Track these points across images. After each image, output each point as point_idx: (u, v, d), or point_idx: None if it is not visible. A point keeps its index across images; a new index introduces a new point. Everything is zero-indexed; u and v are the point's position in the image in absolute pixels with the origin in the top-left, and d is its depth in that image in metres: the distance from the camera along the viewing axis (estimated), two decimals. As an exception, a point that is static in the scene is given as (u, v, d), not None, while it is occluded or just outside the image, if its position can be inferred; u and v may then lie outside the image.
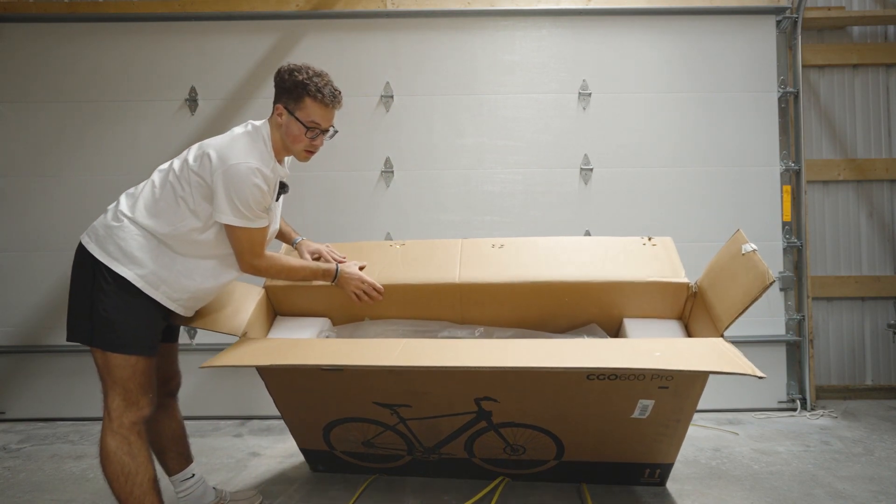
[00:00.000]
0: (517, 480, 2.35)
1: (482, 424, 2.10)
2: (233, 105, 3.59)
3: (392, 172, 3.59)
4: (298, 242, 2.25)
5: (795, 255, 3.59)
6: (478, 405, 2.02)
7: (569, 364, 1.66)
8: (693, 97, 3.59)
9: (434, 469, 2.38)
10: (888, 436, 3.01)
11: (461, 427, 2.13)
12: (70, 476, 2.60)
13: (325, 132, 1.87)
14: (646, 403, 1.90)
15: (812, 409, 3.45)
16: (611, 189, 3.57)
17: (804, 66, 3.67)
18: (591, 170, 3.57)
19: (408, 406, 2.06)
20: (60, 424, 3.40)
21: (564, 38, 3.62)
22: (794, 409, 3.45)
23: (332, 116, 1.86)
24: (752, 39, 3.60)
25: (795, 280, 3.57)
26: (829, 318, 3.79)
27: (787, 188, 3.59)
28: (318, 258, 2.20)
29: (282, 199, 1.99)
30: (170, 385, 2.02)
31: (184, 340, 3.46)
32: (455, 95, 3.61)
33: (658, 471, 2.26)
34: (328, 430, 2.25)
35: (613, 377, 1.81)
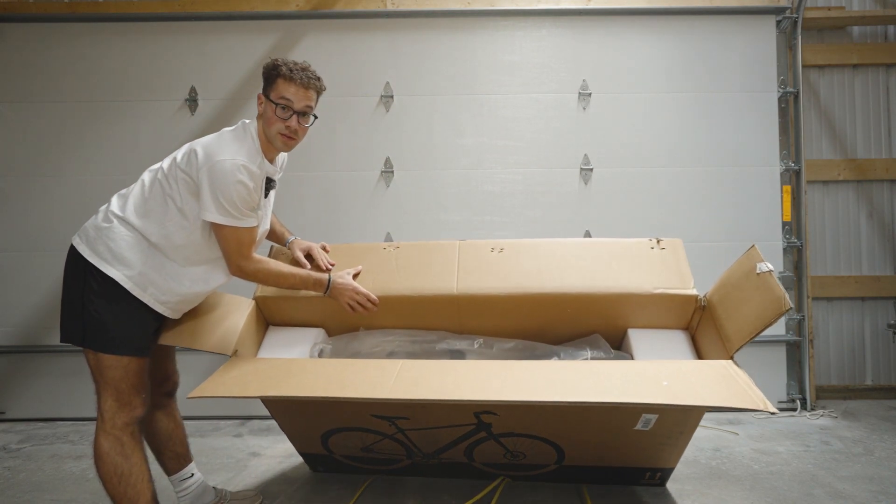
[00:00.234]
0: (517, 480, 2.35)
1: (482, 434, 2.08)
2: (233, 105, 3.59)
3: (392, 172, 3.59)
4: (291, 242, 2.18)
5: (795, 255, 3.59)
6: (477, 418, 1.99)
7: (571, 399, 1.59)
8: (693, 97, 3.59)
9: (434, 471, 2.37)
10: (888, 436, 3.01)
11: (461, 437, 2.11)
12: (70, 476, 2.60)
13: (300, 114, 1.80)
14: (649, 417, 1.88)
15: (812, 409, 3.45)
16: (611, 189, 3.57)
17: (804, 66, 3.67)
18: (591, 170, 3.57)
19: (406, 418, 2.03)
20: (60, 424, 3.40)
21: (564, 38, 3.62)
22: (795, 409, 3.45)
23: (308, 98, 1.80)
24: (752, 39, 3.60)
25: (795, 280, 3.57)
26: (829, 318, 3.79)
27: (787, 188, 3.59)
28: (308, 255, 2.13)
29: (272, 197, 1.95)
30: (167, 385, 2.01)
31: (184, 340, 3.46)
32: (455, 95, 3.61)
33: (659, 474, 2.26)
34: (326, 438, 2.23)
35: None
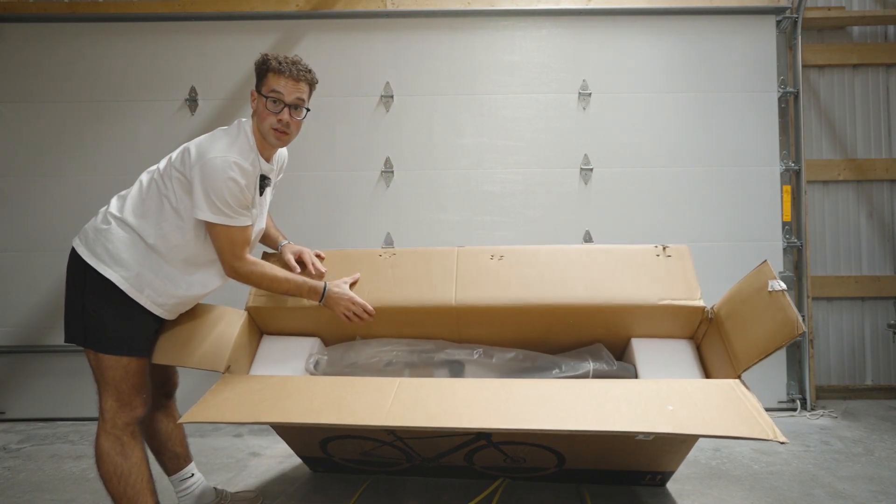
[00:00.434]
0: (517, 481, 2.35)
1: (482, 442, 2.07)
2: (233, 105, 3.59)
3: (392, 172, 3.59)
4: (283, 246, 2.12)
5: (795, 255, 3.59)
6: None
7: (572, 427, 1.54)
8: (693, 97, 3.59)
9: (434, 472, 2.37)
10: (888, 436, 3.01)
11: (460, 444, 2.10)
12: (70, 476, 2.60)
13: (292, 108, 1.78)
14: None
15: (812, 409, 3.45)
16: (611, 189, 3.57)
17: (804, 66, 3.67)
18: (591, 170, 3.57)
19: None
20: (60, 424, 3.40)
21: (564, 38, 3.62)
22: (794, 409, 3.45)
23: (299, 91, 1.78)
24: (753, 39, 3.60)
25: (795, 280, 3.57)
26: (829, 318, 3.79)
27: (787, 188, 3.59)
28: (300, 259, 2.07)
29: (268, 196, 1.93)
30: (167, 386, 2.01)
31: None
32: (455, 95, 3.61)
33: (659, 476, 2.26)
34: (325, 444, 2.22)
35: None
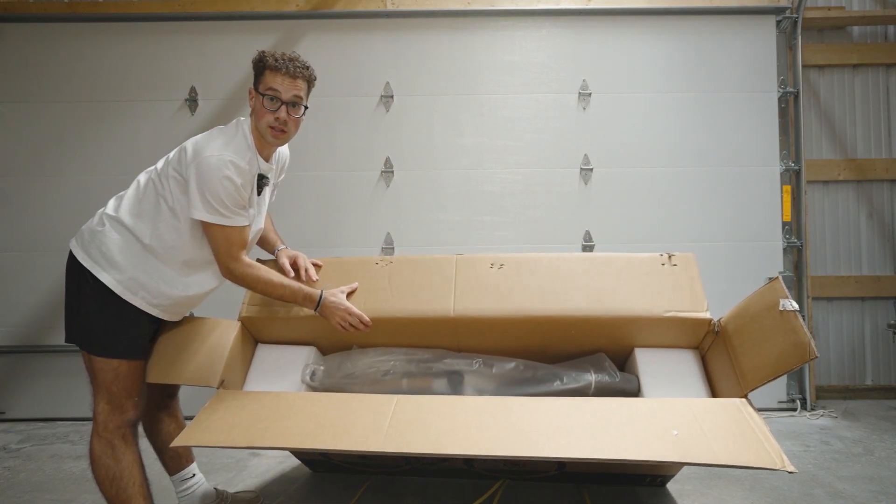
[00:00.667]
0: (517, 481, 2.35)
1: None
2: (233, 105, 3.59)
3: (392, 172, 3.59)
4: (279, 250, 2.07)
5: (795, 255, 3.59)
6: None
7: (573, 455, 1.51)
8: (693, 97, 3.59)
9: (433, 473, 2.37)
10: (888, 436, 3.01)
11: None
12: (70, 476, 2.60)
13: (290, 105, 1.75)
14: None
15: (812, 409, 3.45)
16: (611, 189, 3.57)
17: (804, 66, 3.68)
18: (591, 170, 3.57)
19: None
20: (60, 424, 3.40)
21: (564, 38, 3.62)
22: (794, 409, 3.45)
23: (296, 88, 1.75)
24: (753, 39, 3.60)
25: (795, 280, 3.57)
26: (829, 318, 3.79)
27: (787, 188, 3.59)
28: (294, 263, 2.01)
29: (266, 196, 1.90)
30: (169, 387, 2.01)
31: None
32: (455, 95, 3.61)
33: (660, 478, 2.26)
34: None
35: None
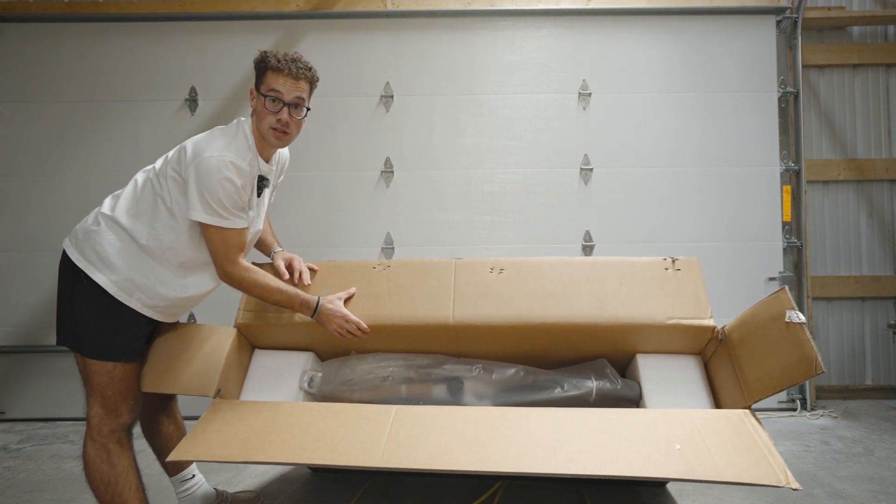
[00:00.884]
0: (516, 481, 2.35)
1: None
2: (233, 105, 3.59)
3: (392, 172, 3.59)
4: (275, 252, 2.03)
5: (795, 255, 3.59)
6: None
7: (574, 471, 1.49)
8: (693, 97, 3.59)
9: (434, 474, 2.37)
10: (888, 436, 3.01)
11: None
12: (70, 476, 2.59)
13: (292, 107, 1.73)
14: None
15: (812, 410, 3.45)
16: (611, 189, 3.57)
17: (804, 66, 3.68)
18: (591, 170, 3.57)
19: None
20: (60, 424, 3.40)
21: (564, 38, 3.62)
22: (794, 409, 3.45)
23: (298, 89, 1.72)
24: (753, 39, 3.60)
25: (795, 280, 3.57)
26: (829, 318, 3.79)
27: (787, 188, 3.59)
28: (290, 266, 1.97)
29: (266, 198, 1.89)
30: None
31: (184, 340, 3.46)
32: (455, 95, 3.61)
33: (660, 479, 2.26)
34: None
35: None
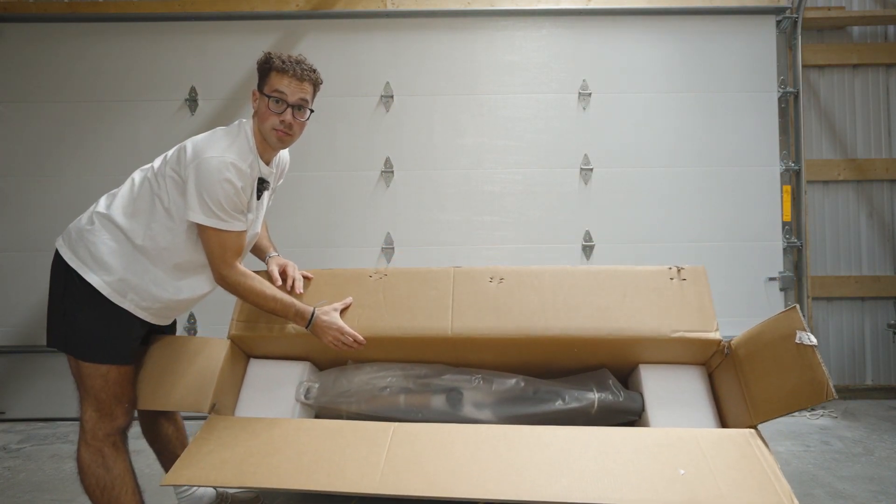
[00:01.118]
0: None
1: None
2: (233, 105, 3.59)
3: (392, 172, 3.59)
4: (270, 258, 1.99)
5: (795, 255, 3.59)
6: None
7: (577, 500, 1.45)
8: (693, 97, 3.59)
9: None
10: (888, 436, 3.01)
11: None
12: (70, 476, 2.59)
13: (296, 108, 1.70)
14: None
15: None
16: (611, 189, 3.57)
17: (804, 66, 3.67)
18: (591, 170, 3.57)
19: None
20: (60, 424, 3.39)
21: (564, 38, 3.62)
22: (794, 409, 3.45)
23: (302, 91, 1.70)
24: (753, 39, 3.60)
25: (795, 280, 3.57)
26: (829, 318, 3.79)
27: (787, 188, 3.59)
28: (283, 272, 1.93)
29: (265, 200, 1.86)
30: None
31: (184, 340, 3.46)
32: (455, 95, 3.61)
33: None
34: None
35: None
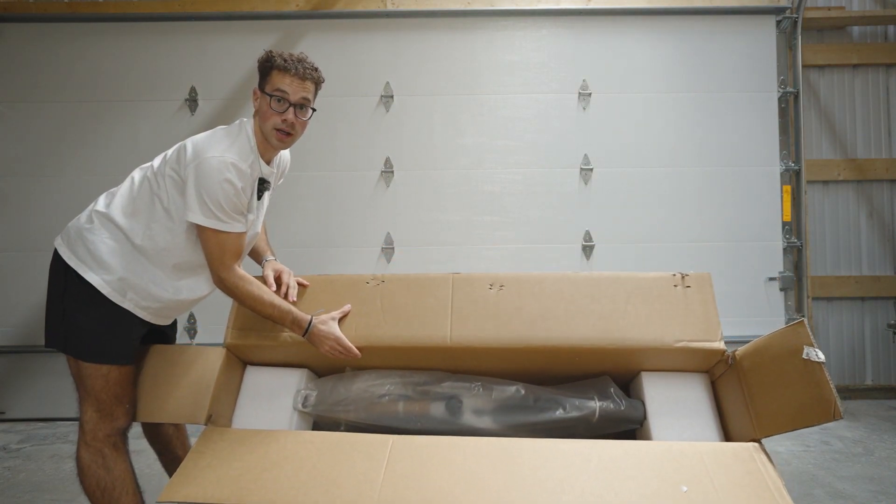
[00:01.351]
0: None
1: None
2: (233, 105, 3.59)
3: (392, 172, 3.59)
4: (266, 262, 1.95)
5: (795, 255, 3.59)
6: None
7: None
8: (693, 97, 3.59)
9: None
10: (888, 436, 3.01)
11: None
12: (70, 476, 2.59)
13: (297, 107, 1.68)
14: None
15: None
16: (611, 189, 3.57)
17: (804, 66, 3.68)
18: (591, 170, 3.57)
19: None
20: (60, 424, 3.40)
21: (564, 38, 3.62)
22: (794, 409, 3.45)
23: (304, 90, 1.68)
24: (753, 39, 3.60)
25: (795, 280, 3.57)
26: (829, 318, 3.79)
27: (787, 188, 3.59)
28: (278, 278, 1.88)
29: (266, 201, 1.85)
30: None
31: (184, 340, 3.46)
32: (455, 95, 3.61)
33: None
34: None
35: None
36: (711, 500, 1.43)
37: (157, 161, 1.71)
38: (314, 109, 1.76)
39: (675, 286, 1.89)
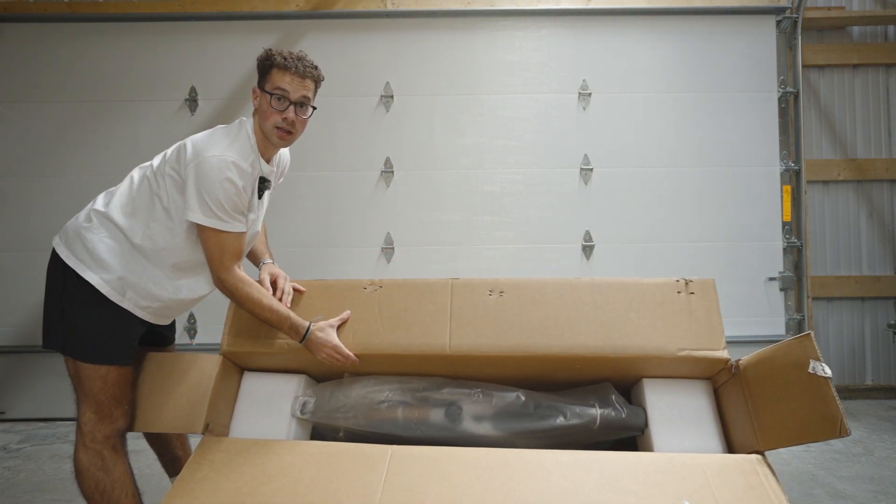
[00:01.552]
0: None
1: None
2: (233, 105, 3.59)
3: (392, 172, 3.59)
4: (264, 264, 1.93)
5: (795, 255, 3.59)
6: None
7: None
8: (693, 97, 3.59)
9: None
10: (888, 436, 3.01)
11: None
12: (70, 476, 2.55)
13: (298, 105, 1.67)
14: None
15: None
16: (611, 189, 3.57)
17: (804, 66, 3.68)
18: (591, 170, 3.57)
19: None
20: (60, 424, 3.39)
21: (564, 38, 3.62)
22: (794, 409, 3.45)
23: (305, 88, 1.67)
24: (753, 39, 3.60)
25: (795, 280, 3.57)
26: (829, 318, 3.79)
27: (787, 188, 3.59)
28: (274, 282, 1.85)
29: (266, 200, 1.84)
30: None
31: (184, 341, 3.46)
32: (455, 95, 3.61)
33: None
34: None
35: None
36: None
37: (157, 160, 1.70)
38: (314, 108, 1.75)
39: (679, 293, 1.85)
